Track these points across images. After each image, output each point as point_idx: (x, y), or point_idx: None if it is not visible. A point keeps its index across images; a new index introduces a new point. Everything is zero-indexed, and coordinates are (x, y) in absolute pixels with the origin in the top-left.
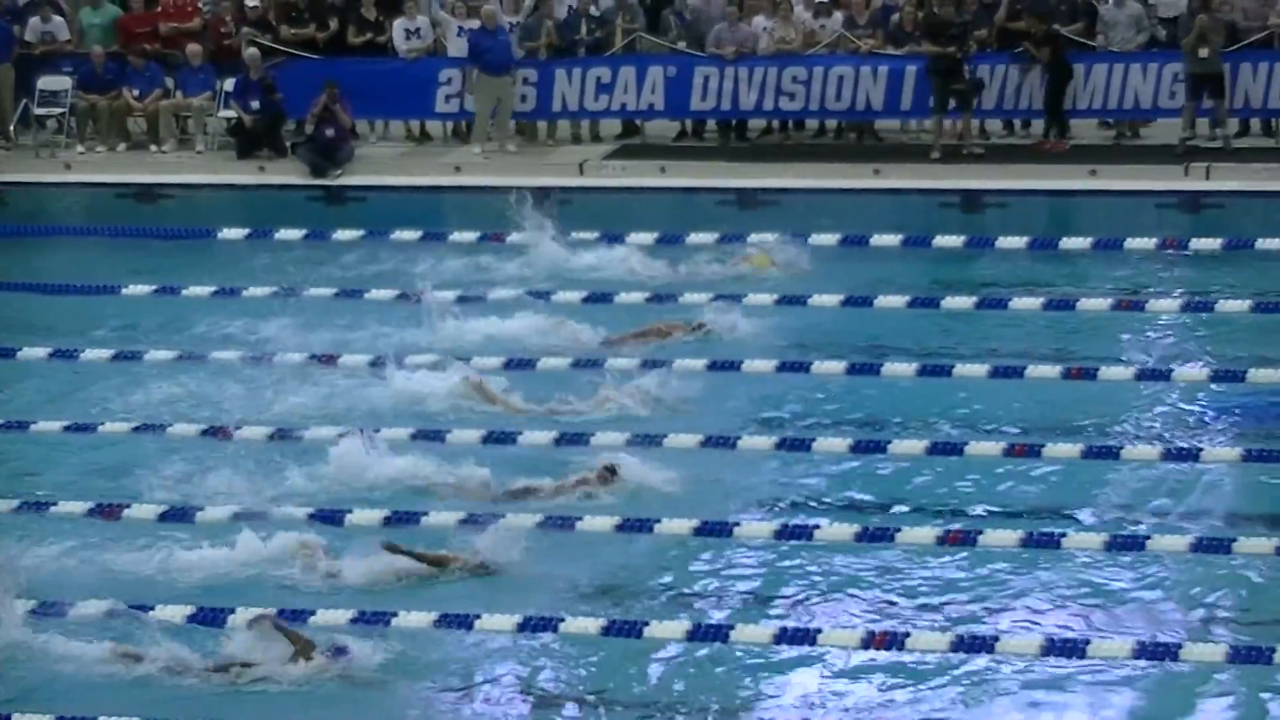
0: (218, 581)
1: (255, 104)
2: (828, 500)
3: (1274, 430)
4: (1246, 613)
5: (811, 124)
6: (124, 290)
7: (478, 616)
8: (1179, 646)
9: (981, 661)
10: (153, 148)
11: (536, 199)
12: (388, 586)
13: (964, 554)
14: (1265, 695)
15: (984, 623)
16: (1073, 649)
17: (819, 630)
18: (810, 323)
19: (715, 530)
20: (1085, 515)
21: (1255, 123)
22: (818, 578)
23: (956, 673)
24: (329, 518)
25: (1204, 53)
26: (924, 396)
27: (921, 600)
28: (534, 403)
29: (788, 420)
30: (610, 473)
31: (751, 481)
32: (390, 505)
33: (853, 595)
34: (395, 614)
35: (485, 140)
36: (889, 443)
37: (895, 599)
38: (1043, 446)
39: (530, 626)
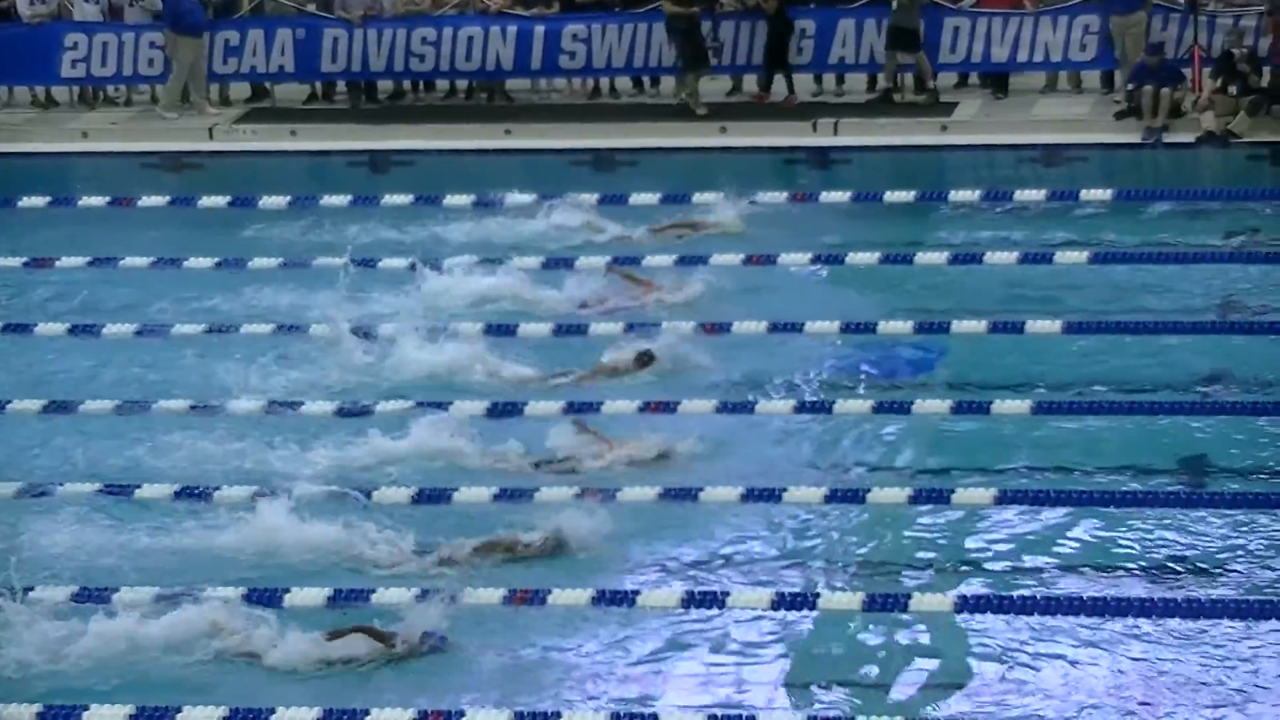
0: None
1: None
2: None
3: (904, 382)
4: (881, 561)
5: (442, 84)
6: None
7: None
8: (817, 596)
9: (620, 613)
10: None
11: None
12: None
13: (605, 507)
14: (901, 641)
15: (623, 576)
16: (713, 600)
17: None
18: None
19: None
20: (721, 469)
21: (882, 77)
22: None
23: (598, 628)
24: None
25: (895, 4)
26: (563, 354)
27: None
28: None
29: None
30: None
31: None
32: None
33: None
34: None
35: (207, 98)
36: (525, 404)
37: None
38: (678, 403)
39: None
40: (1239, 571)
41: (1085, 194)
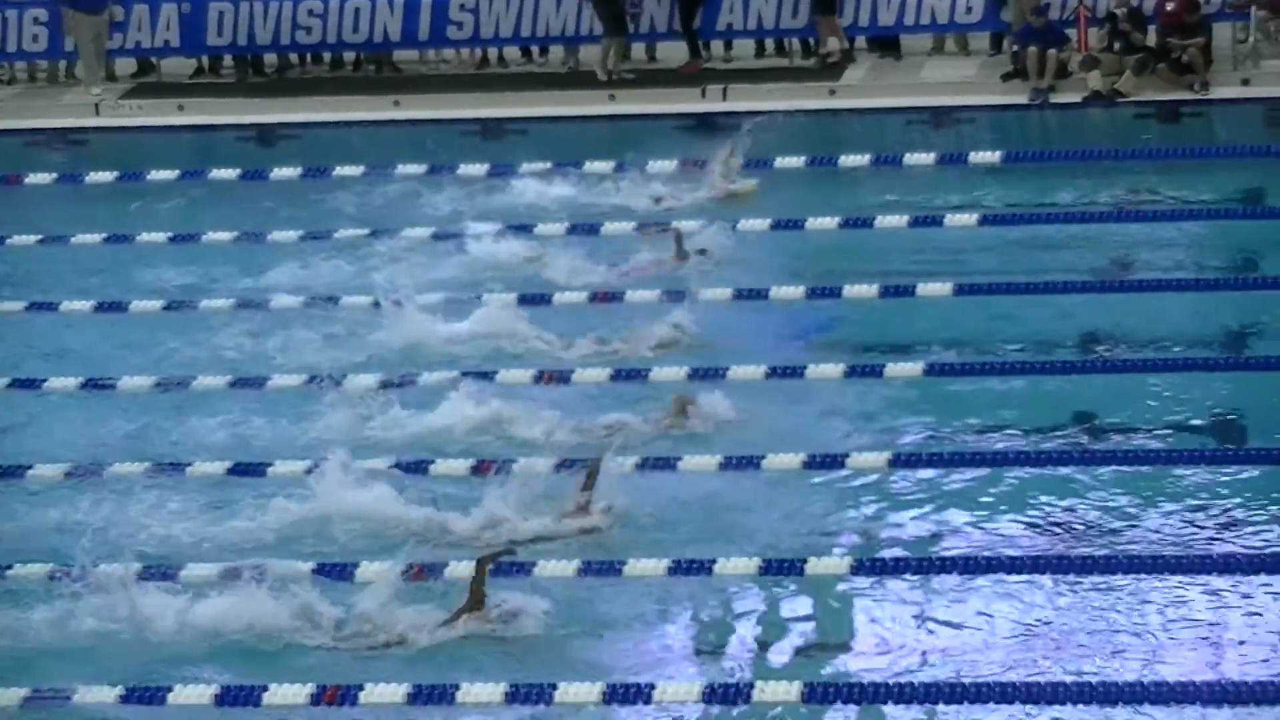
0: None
1: None
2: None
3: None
4: (777, 527)
5: (329, 56)
6: None
7: None
8: (713, 562)
9: (515, 583)
10: None
11: None
12: None
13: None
14: (797, 605)
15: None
16: (609, 569)
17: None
18: None
19: None
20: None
21: (770, 42)
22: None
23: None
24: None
25: None
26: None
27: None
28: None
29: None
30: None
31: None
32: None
33: None
34: None
35: (100, 81)
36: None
37: None
38: (572, 372)
39: None
40: (1123, 528)
41: (974, 156)
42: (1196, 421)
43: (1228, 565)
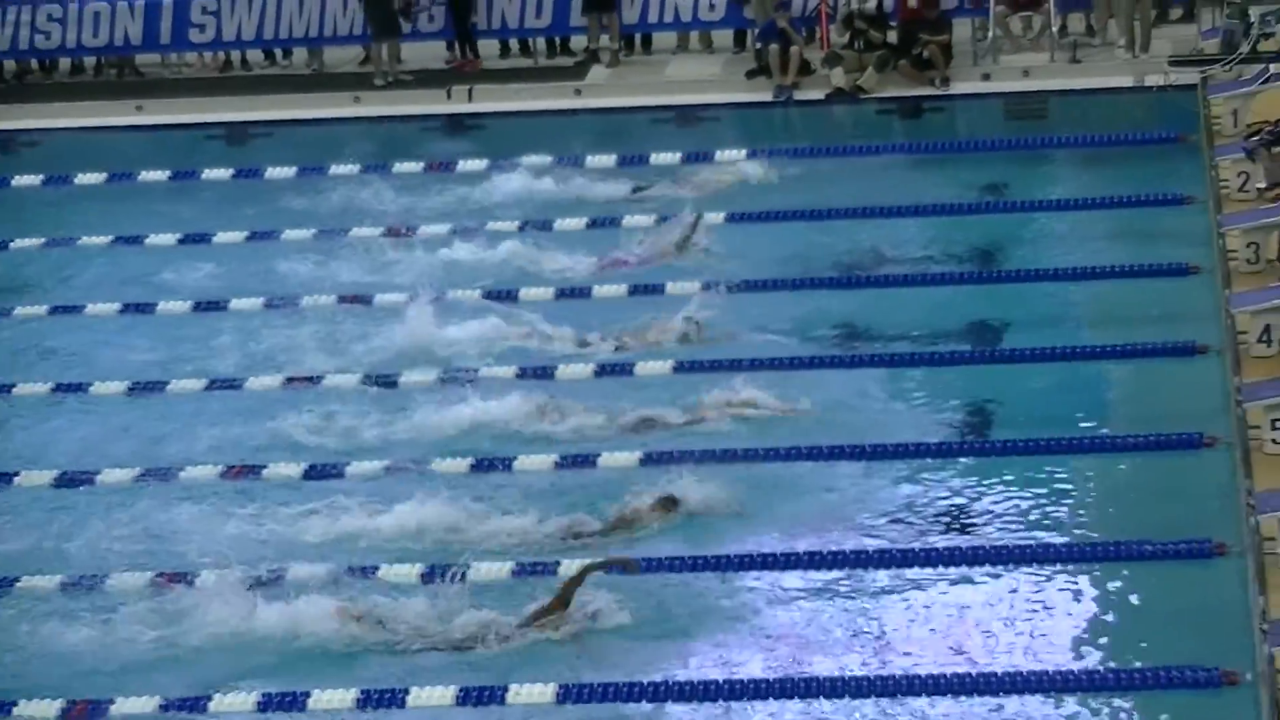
0: None
1: None
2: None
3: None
4: (526, 525)
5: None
6: None
7: None
8: (466, 568)
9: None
10: None
11: None
12: None
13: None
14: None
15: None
16: (364, 572)
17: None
18: None
19: None
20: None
21: (514, 42)
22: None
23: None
24: None
25: None
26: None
27: None
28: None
29: None
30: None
31: None
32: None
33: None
34: None
35: None
36: (166, 382)
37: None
38: (323, 377)
39: None
40: (872, 523)
41: (719, 154)
42: (942, 415)
43: (974, 557)
